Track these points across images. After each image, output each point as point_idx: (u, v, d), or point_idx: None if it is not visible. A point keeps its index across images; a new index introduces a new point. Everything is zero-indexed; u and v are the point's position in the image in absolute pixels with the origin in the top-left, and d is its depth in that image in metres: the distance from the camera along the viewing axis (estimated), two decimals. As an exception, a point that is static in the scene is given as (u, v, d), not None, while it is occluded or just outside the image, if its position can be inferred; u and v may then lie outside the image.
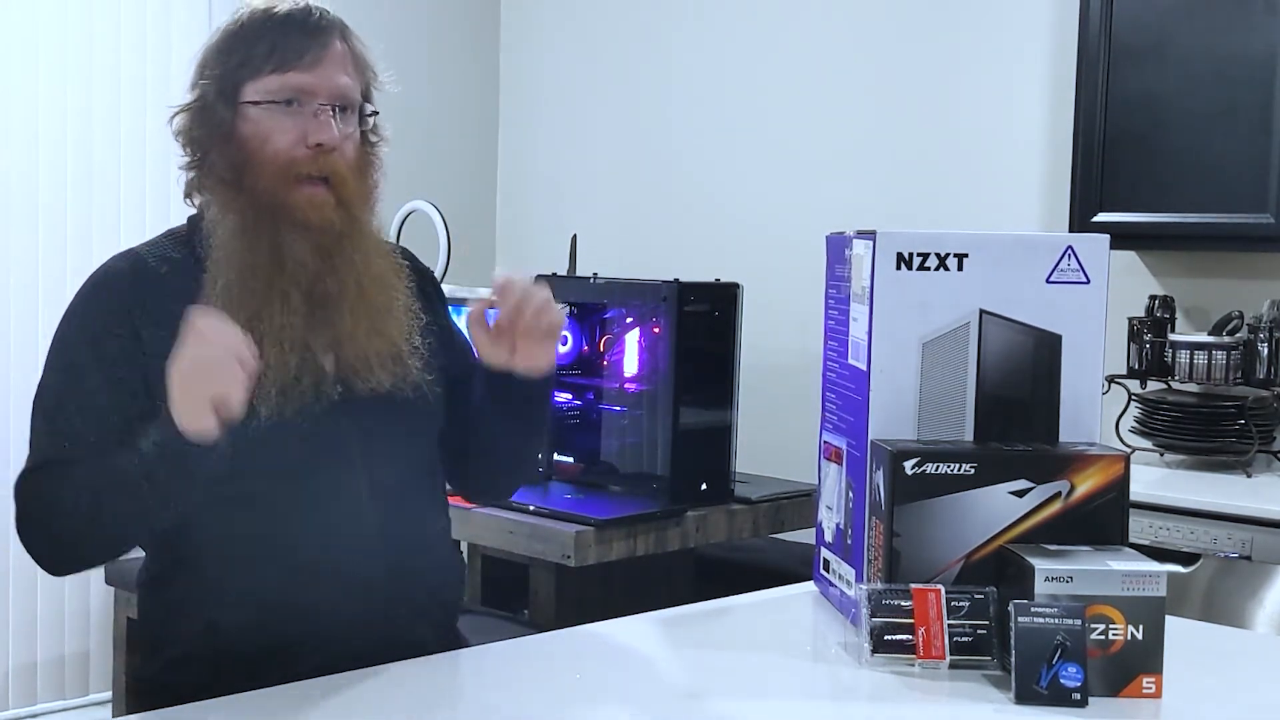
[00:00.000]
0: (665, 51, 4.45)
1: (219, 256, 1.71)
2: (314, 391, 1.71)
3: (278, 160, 1.71)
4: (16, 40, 3.79)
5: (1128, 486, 1.72)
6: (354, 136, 1.77)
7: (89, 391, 1.71)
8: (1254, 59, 3.06)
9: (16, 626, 3.88)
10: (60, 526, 1.68)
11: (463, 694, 1.57)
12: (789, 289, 3.86)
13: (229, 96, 1.73)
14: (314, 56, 1.72)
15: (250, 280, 1.69)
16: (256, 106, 1.72)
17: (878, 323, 1.78)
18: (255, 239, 1.70)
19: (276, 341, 1.68)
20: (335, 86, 1.73)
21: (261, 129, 1.71)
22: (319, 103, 1.72)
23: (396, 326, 1.79)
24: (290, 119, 1.71)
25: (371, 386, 1.75)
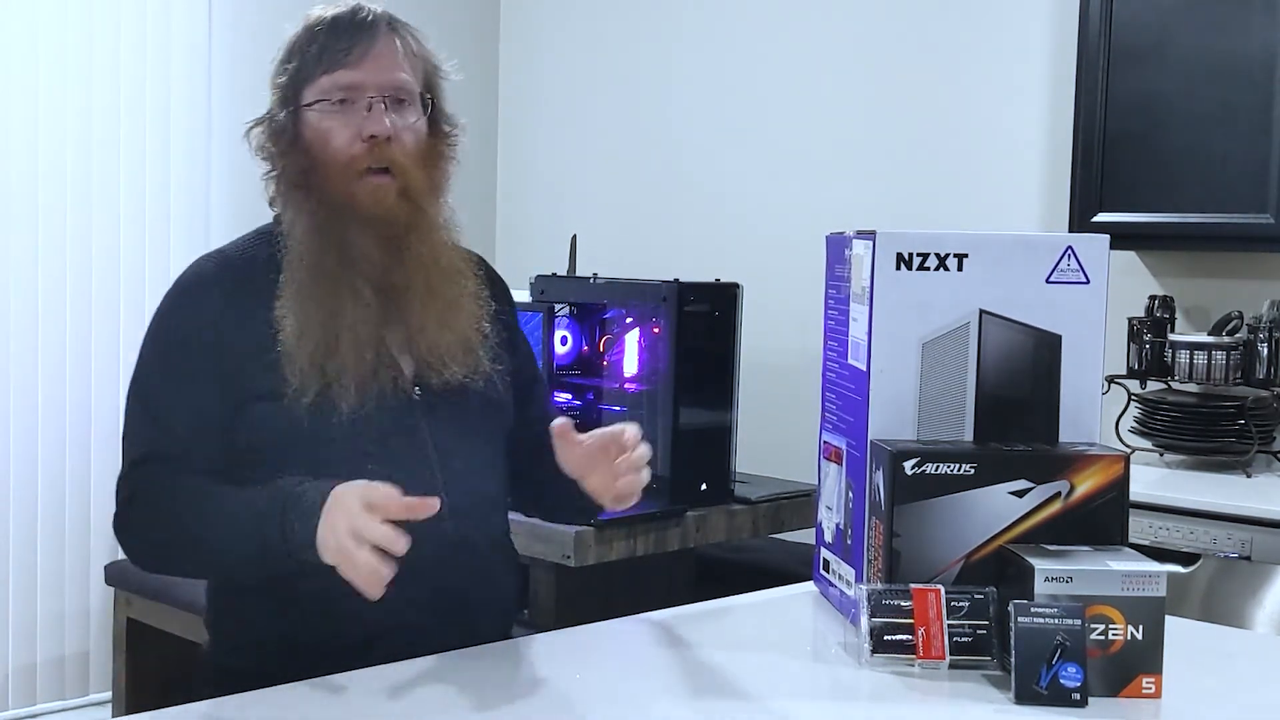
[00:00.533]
0: (665, 51, 4.45)
1: (292, 259, 1.75)
2: (391, 386, 1.74)
3: (339, 158, 1.75)
4: (16, 40, 3.79)
5: (1127, 487, 1.72)
6: (415, 127, 1.80)
7: (184, 389, 1.75)
8: (1254, 59, 3.06)
9: (16, 626, 3.88)
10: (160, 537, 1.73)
11: (462, 694, 1.57)
12: (789, 289, 3.86)
13: (290, 104, 1.78)
14: (360, 52, 1.76)
15: (321, 278, 1.73)
16: (313, 109, 1.77)
17: (878, 323, 1.78)
18: (325, 238, 1.74)
19: (353, 338, 1.72)
20: (384, 80, 1.76)
21: (320, 130, 1.76)
22: (369, 96, 1.75)
23: (466, 318, 1.81)
24: (345, 116, 1.75)
25: (445, 379, 1.78)
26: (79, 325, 3.94)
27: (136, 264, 4.02)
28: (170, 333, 1.80)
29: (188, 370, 1.75)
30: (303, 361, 1.70)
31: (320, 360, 1.71)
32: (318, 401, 1.71)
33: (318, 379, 1.71)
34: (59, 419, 3.91)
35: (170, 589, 3.56)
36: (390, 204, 1.75)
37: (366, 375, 1.72)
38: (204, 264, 1.84)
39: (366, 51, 1.76)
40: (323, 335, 1.71)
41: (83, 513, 3.97)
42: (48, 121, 3.86)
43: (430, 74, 1.84)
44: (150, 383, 1.79)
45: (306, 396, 1.70)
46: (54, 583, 3.94)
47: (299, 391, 1.70)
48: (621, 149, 4.52)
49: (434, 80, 1.85)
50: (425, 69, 1.83)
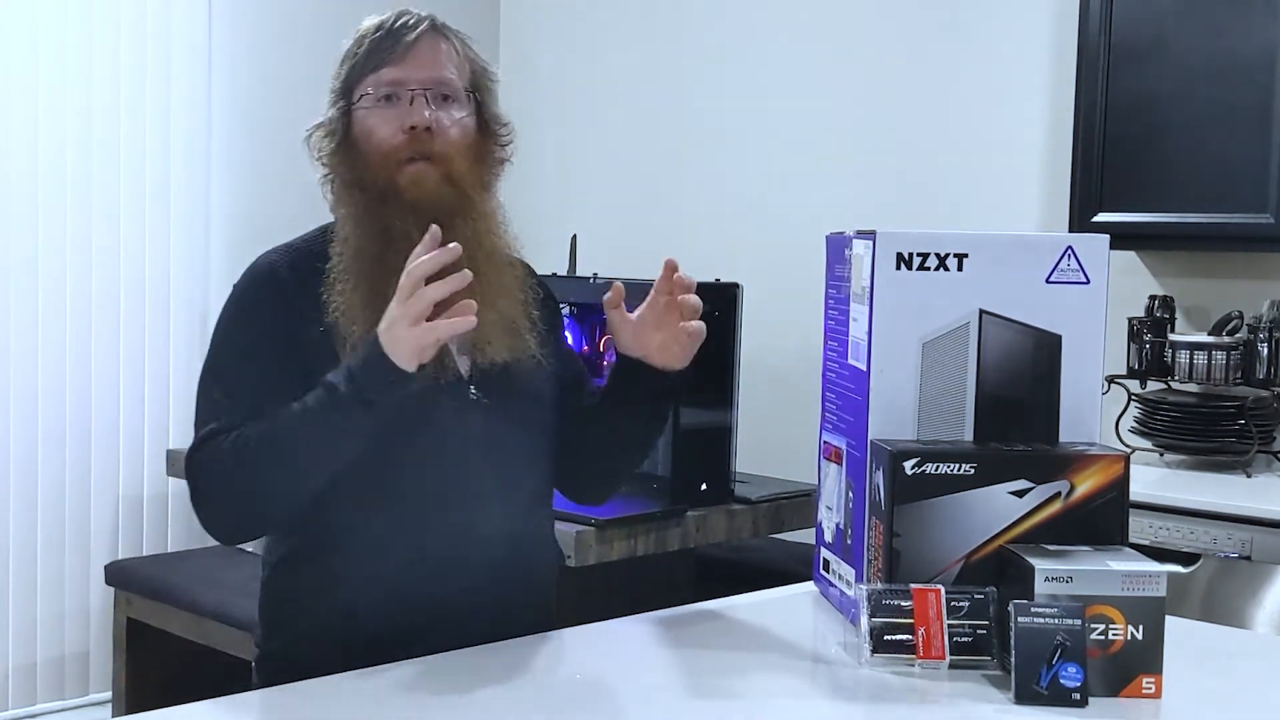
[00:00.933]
0: (665, 51, 4.45)
1: (340, 246, 1.82)
2: (436, 365, 1.76)
3: (383, 149, 1.81)
4: (16, 40, 3.79)
5: (1127, 486, 1.72)
6: (461, 121, 1.85)
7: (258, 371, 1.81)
8: (1254, 59, 3.06)
9: (16, 626, 3.88)
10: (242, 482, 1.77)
11: (462, 694, 1.57)
12: (789, 289, 3.86)
13: (340, 104, 1.86)
14: (403, 50, 1.83)
15: (366, 261, 1.78)
16: (361, 106, 1.84)
17: (878, 323, 1.78)
18: (369, 224, 1.80)
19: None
20: (426, 75, 1.83)
21: (367, 125, 1.83)
22: (410, 89, 1.82)
23: (509, 300, 1.86)
24: (390, 110, 1.82)
25: (491, 358, 1.82)
26: (79, 325, 3.94)
27: (136, 264, 4.02)
28: (245, 318, 1.86)
29: (262, 354, 1.81)
30: (354, 342, 1.75)
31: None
32: None
33: None
34: (59, 419, 3.91)
35: (170, 589, 3.57)
36: (431, 188, 1.80)
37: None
38: (273, 256, 1.89)
39: (410, 50, 1.83)
40: (368, 315, 1.75)
41: (83, 513, 3.97)
42: (48, 121, 3.86)
43: (478, 75, 1.90)
44: (225, 365, 1.85)
45: None
46: (54, 583, 3.94)
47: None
48: (621, 149, 4.52)
49: (481, 81, 1.91)
50: (472, 70, 1.89)
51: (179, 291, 4.11)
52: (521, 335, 1.86)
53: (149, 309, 4.05)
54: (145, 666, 3.74)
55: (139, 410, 4.05)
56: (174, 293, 4.10)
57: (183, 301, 4.12)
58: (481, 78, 1.91)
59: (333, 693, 1.57)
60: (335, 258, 1.81)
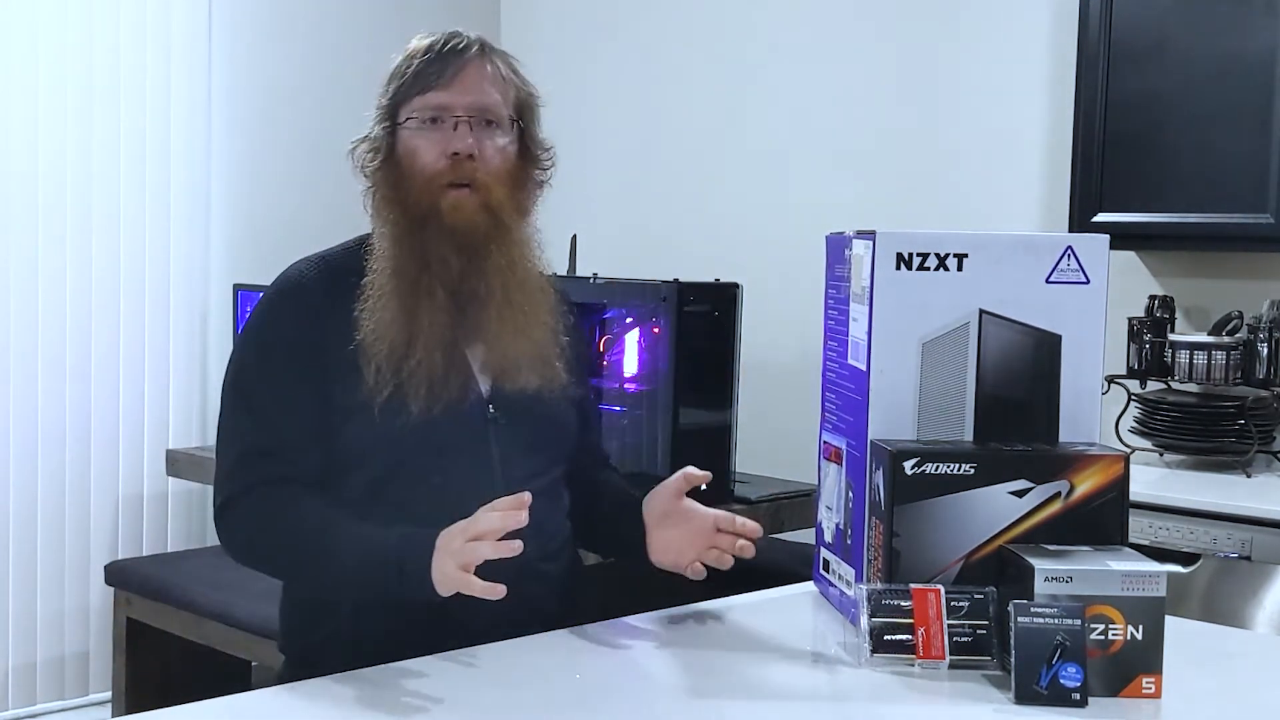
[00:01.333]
0: (665, 51, 4.45)
1: (375, 264, 1.83)
2: (460, 393, 1.80)
3: (425, 172, 1.83)
4: (16, 40, 3.79)
5: (1127, 486, 1.72)
6: (503, 148, 1.87)
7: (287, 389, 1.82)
8: (1254, 59, 3.06)
9: (16, 626, 3.88)
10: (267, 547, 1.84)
11: (462, 694, 1.57)
12: (789, 289, 3.86)
13: (386, 122, 1.88)
14: (452, 75, 1.85)
15: (400, 280, 1.81)
16: (406, 127, 1.86)
17: (878, 323, 1.78)
18: (406, 244, 1.82)
19: (426, 339, 1.79)
20: (472, 101, 1.85)
21: (411, 146, 1.85)
22: (455, 116, 1.84)
23: (541, 329, 1.88)
24: (435, 134, 1.84)
25: (519, 386, 1.85)
26: (79, 325, 3.94)
27: (136, 264, 4.02)
28: (273, 333, 1.87)
29: (290, 371, 1.82)
30: (379, 360, 1.78)
31: (396, 360, 1.78)
32: (391, 401, 1.78)
33: (392, 377, 1.78)
34: (59, 419, 3.91)
35: (170, 589, 3.56)
36: (469, 214, 1.83)
37: (437, 378, 1.79)
38: (304, 267, 1.91)
39: (457, 74, 1.85)
40: (398, 335, 1.78)
41: (83, 513, 3.97)
42: (48, 121, 3.85)
43: (523, 99, 1.92)
44: (252, 382, 1.86)
45: (381, 395, 1.77)
46: (54, 583, 3.94)
47: (374, 390, 1.78)
48: (621, 149, 4.52)
49: (526, 105, 1.93)
50: (517, 94, 1.91)
51: (179, 291, 4.11)
52: (551, 363, 1.89)
53: (149, 309, 4.05)
54: (145, 666, 3.73)
55: (139, 410, 4.05)
56: (174, 293, 4.10)
57: (183, 301, 4.12)
58: (526, 102, 1.93)
59: (332, 693, 1.56)
60: (371, 274, 1.83)
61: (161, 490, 4.10)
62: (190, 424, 4.15)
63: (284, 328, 1.86)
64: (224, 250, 4.24)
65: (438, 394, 1.78)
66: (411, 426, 1.77)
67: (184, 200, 4.10)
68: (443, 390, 1.79)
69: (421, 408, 1.77)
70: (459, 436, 1.82)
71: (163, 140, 4.05)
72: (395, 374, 1.78)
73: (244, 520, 1.82)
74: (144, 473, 4.07)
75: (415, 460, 1.80)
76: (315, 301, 1.85)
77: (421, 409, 1.77)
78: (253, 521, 1.81)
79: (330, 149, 4.46)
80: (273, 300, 1.89)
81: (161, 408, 4.09)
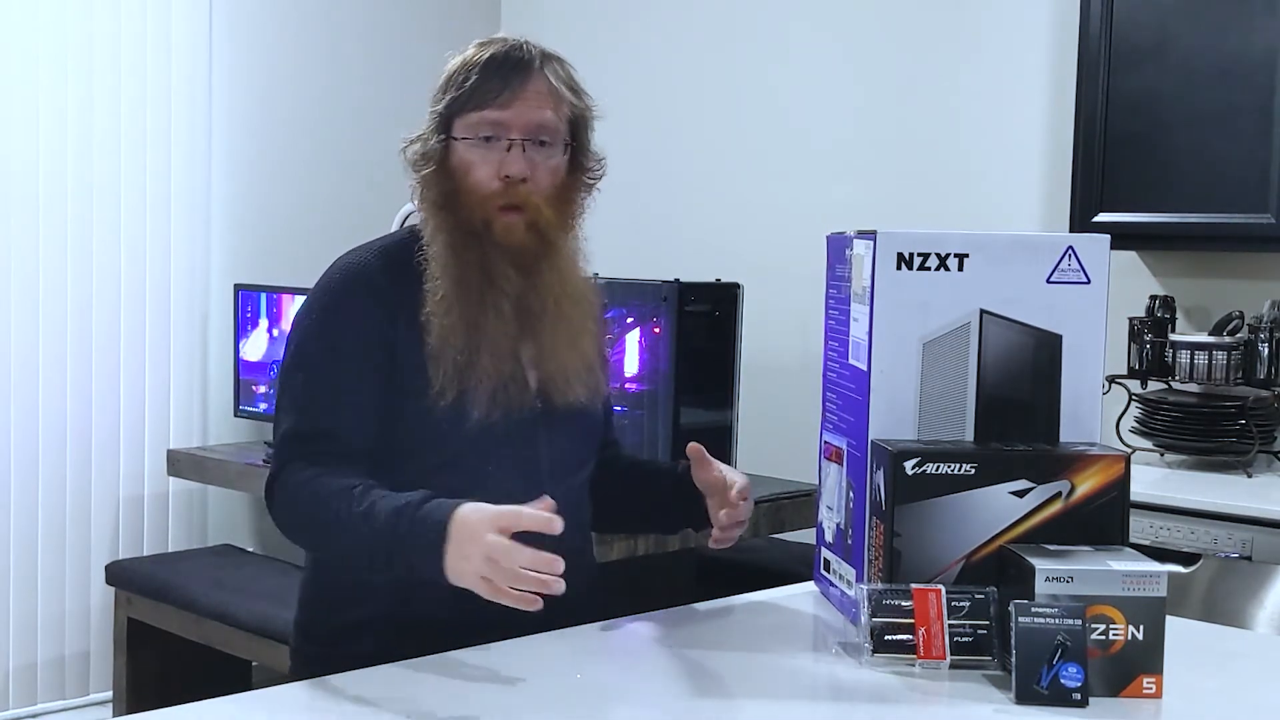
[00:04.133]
0: (665, 51, 4.45)
1: (436, 270, 1.85)
2: (518, 400, 1.84)
3: (478, 191, 1.86)
4: (16, 40, 3.79)
5: (1128, 486, 1.72)
6: (553, 166, 1.89)
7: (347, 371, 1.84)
8: (1254, 59, 3.06)
9: (16, 626, 3.88)
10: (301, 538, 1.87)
11: (463, 693, 1.57)
12: (789, 289, 3.86)
13: (441, 132, 1.88)
14: (510, 94, 1.86)
15: (466, 291, 1.84)
16: (461, 141, 1.87)
17: (878, 323, 1.78)
18: (465, 255, 1.85)
19: (492, 349, 1.83)
20: (528, 122, 1.86)
21: (465, 161, 1.86)
22: (511, 137, 1.85)
23: (591, 342, 1.93)
24: (488, 152, 1.85)
25: (569, 399, 1.89)
26: (79, 325, 3.93)
27: (137, 263, 4.02)
28: (339, 316, 1.88)
29: (352, 354, 1.85)
30: (446, 365, 1.81)
31: (461, 367, 1.82)
32: (454, 405, 1.81)
33: (456, 383, 1.82)
34: (60, 419, 3.91)
35: (170, 589, 3.57)
36: (520, 237, 1.86)
37: (499, 386, 1.83)
38: (365, 255, 1.91)
39: (516, 94, 1.86)
40: (465, 343, 1.82)
41: (83, 513, 3.97)
42: (48, 121, 3.85)
43: (577, 115, 1.93)
44: (314, 361, 1.87)
45: (445, 399, 1.81)
46: (54, 583, 3.94)
47: (440, 394, 1.81)
48: (622, 149, 4.50)
49: (579, 118, 1.94)
50: (572, 110, 1.92)
51: (179, 291, 4.11)
52: (597, 374, 1.94)
53: (149, 309, 4.05)
54: (145, 666, 3.74)
55: (139, 410, 4.05)
56: (174, 293, 4.10)
57: (183, 301, 4.12)
58: (581, 116, 1.94)
59: (331, 693, 1.56)
60: (431, 279, 1.85)
61: (162, 490, 4.10)
62: (190, 424, 4.14)
63: (351, 312, 1.87)
64: (224, 250, 4.24)
65: (498, 401, 1.83)
66: (471, 430, 1.82)
67: (184, 200, 4.10)
68: (503, 397, 1.83)
69: (483, 413, 1.82)
70: (511, 436, 1.86)
71: (163, 141, 4.05)
72: (460, 379, 1.82)
73: (284, 494, 1.84)
74: (144, 473, 4.07)
75: (468, 457, 1.83)
76: (379, 287, 1.87)
77: (483, 414, 1.82)
78: (289, 494, 1.83)
79: (330, 149, 4.50)
80: (337, 285, 1.90)
81: (161, 408, 4.09)
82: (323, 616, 1.94)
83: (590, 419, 1.96)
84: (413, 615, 1.83)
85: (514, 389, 1.85)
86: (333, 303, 1.89)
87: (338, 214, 4.30)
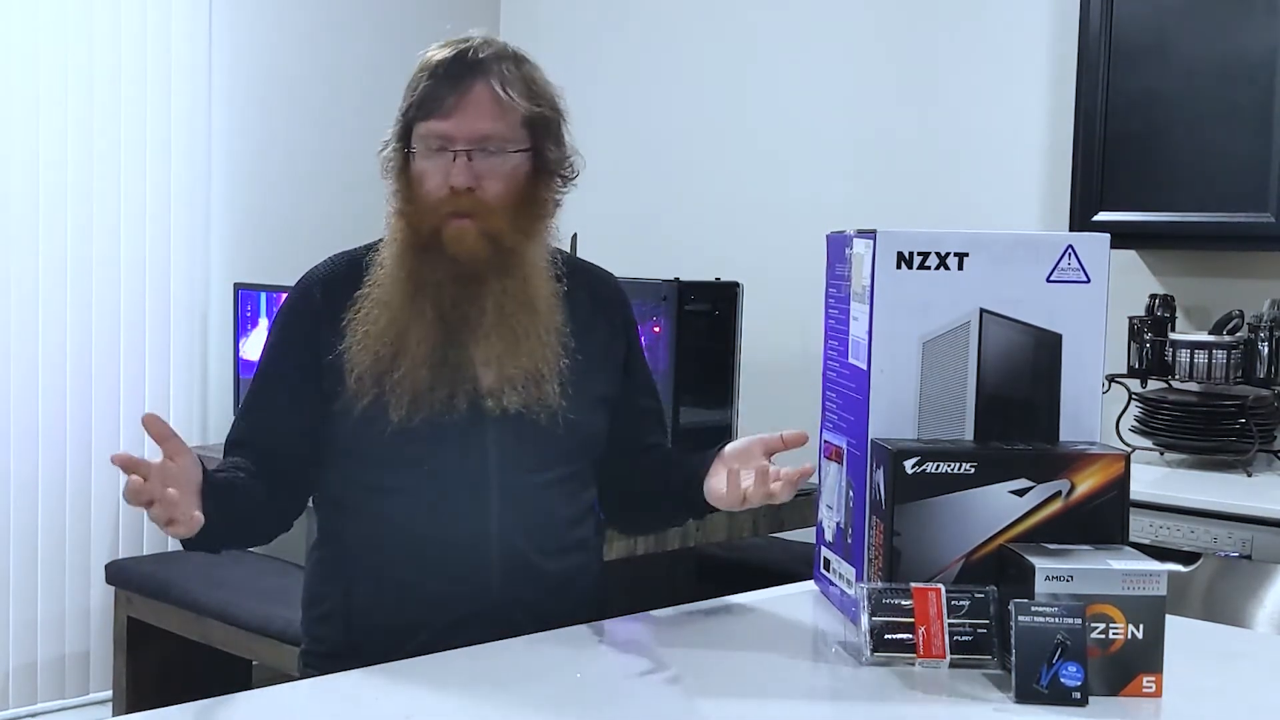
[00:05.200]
0: (665, 51, 4.45)
1: (379, 273, 1.89)
2: (446, 404, 1.85)
3: (428, 200, 1.87)
4: (16, 40, 3.79)
5: (1128, 486, 1.72)
6: (508, 172, 1.87)
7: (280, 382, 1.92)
8: (1254, 59, 3.06)
9: (16, 626, 3.88)
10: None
11: (463, 693, 1.57)
12: (789, 289, 3.86)
13: (402, 140, 1.90)
14: (453, 104, 1.85)
15: (394, 296, 1.86)
16: (415, 151, 1.88)
17: (878, 322, 1.78)
18: (406, 262, 1.87)
19: (411, 354, 1.84)
20: (471, 131, 1.85)
21: (419, 170, 1.88)
22: (456, 148, 1.85)
23: (538, 351, 1.89)
24: (439, 161, 1.86)
25: (503, 406, 1.87)
26: (79, 325, 3.93)
27: (136, 262, 4.02)
28: (280, 327, 1.96)
29: (288, 367, 1.92)
30: (362, 369, 1.84)
31: (379, 371, 1.84)
32: (370, 409, 1.84)
33: (373, 388, 1.84)
34: (59, 419, 3.90)
35: (170, 588, 3.57)
36: (470, 244, 1.86)
37: (421, 391, 1.84)
38: (319, 269, 1.97)
39: (459, 102, 1.85)
40: (384, 348, 1.84)
41: (83, 513, 3.97)
42: (48, 121, 3.85)
43: (533, 119, 1.89)
44: (258, 372, 1.96)
45: (361, 402, 1.84)
46: (54, 583, 3.94)
47: (354, 397, 1.85)
48: (622, 148, 4.52)
49: (538, 123, 1.90)
50: (528, 114, 1.88)
51: (179, 291, 4.11)
52: (542, 386, 1.89)
53: (149, 308, 4.05)
54: (145, 666, 3.74)
55: (139, 410, 4.05)
56: (174, 292, 4.10)
57: (183, 301, 4.12)
58: (537, 119, 1.90)
59: (331, 691, 1.57)
60: (370, 286, 1.88)
61: (162, 490, 4.10)
62: (190, 424, 4.14)
63: (291, 324, 1.94)
64: (224, 250, 4.24)
65: (420, 405, 1.84)
66: (389, 434, 1.83)
67: (184, 200, 4.10)
68: (426, 401, 1.84)
69: (402, 417, 1.83)
70: (444, 440, 1.85)
71: (163, 140, 4.05)
72: (377, 383, 1.84)
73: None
74: (144, 472, 4.07)
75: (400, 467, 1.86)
76: (316, 306, 1.91)
77: (402, 418, 1.83)
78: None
79: (330, 148, 4.50)
80: (287, 301, 1.97)
81: (161, 408, 4.09)
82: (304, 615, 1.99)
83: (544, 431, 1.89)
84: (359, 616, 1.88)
85: (440, 393, 1.84)
86: (279, 317, 1.97)
87: (338, 214, 4.30)
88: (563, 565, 1.95)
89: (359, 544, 1.91)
